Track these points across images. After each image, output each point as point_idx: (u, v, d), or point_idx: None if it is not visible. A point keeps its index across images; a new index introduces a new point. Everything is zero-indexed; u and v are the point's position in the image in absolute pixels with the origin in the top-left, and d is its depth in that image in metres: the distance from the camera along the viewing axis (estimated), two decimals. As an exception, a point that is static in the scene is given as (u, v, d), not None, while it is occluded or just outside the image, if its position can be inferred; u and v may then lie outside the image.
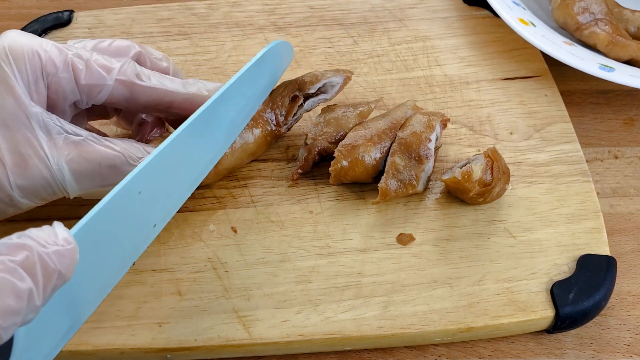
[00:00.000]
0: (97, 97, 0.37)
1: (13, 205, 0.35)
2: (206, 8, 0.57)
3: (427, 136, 0.42)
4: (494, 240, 0.41)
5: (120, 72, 0.37)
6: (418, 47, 0.54)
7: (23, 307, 0.23)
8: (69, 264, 0.25)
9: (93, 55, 0.37)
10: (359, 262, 0.40)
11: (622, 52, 0.51)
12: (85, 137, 0.35)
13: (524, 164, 0.45)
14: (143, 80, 0.38)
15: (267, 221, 0.42)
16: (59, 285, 0.25)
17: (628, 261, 0.43)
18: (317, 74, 0.45)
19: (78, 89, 0.36)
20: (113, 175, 0.36)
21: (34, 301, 0.23)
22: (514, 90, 0.50)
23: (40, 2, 0.63)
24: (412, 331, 0.37)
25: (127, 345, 0.36)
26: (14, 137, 0.33)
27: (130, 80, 0.37)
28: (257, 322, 0.37)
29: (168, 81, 0.39)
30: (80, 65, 0.36)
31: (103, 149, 0.36)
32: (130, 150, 0.37)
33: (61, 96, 0.36)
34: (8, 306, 0.22)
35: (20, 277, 0.23)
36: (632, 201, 0.46)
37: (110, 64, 0.37)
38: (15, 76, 0.34)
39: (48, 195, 0.35)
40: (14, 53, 0.34)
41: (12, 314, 0.23)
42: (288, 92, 0.44)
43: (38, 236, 0.25)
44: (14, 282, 0.23)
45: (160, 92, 0.38)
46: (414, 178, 0.41)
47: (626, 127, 0.51)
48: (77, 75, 0.36)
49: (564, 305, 0.37)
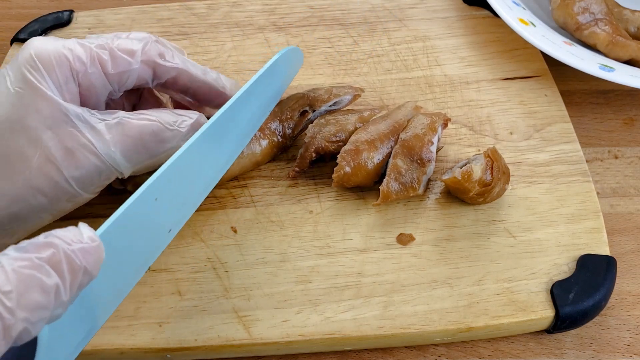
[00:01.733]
0: (126, 83, 0.38)
1: (72, 200, 0.36)
2: (206, 8, 0.57)
3: (429, 139, 0.42)
4: (494, 240, 0.41)
5: (143, 53, 0.38)
6: (418, 47, 0.54)
7: (50, 302, 0.24)
8: (95, 261, 0.26)
9: (114, 42, 0.37)
10: (359, 262, 0.40)
11: (622, 52, 0.51)
12: (121, 117, 0.36)
13: (524, 164, 0.45)
14: (167, 60, 0.39)
15: (267, 221, 0.42)
16: (85, 282, 0.26)
17: (628, 261, 0.43)
18: (331, 92, 0.46)
19: (108, 79, 0.37)
20: (156, 143, 0.37)
21: (60, 297, 0.24)
22: (514, 90, 0.50)
23: (40, 2, 0.63)
24: (412, 331, 0.37)
25: (127, 345, 0.36)
26: (58, 136, 0.35)
27: (153, 60, 0.38)
28: (257, 322, 0.37)
29: (190, 64, 0.40)
30: (105, 56, 0.36)
31: (141, 122, 0.37)
32: (164, 117, 0.38)
33: (93, 91, 0.37)
34: (36, 301, 0.23)
35: (46, 273, 0.24)
36: (632, 201, 0.46)
37: (133, 46, 0.37)
38: (46, 81, 0.35)
39: (103, 180, 0.37)
40: (42, 58, 0.35)
41: (40, 309, 0.23)
42: (298, 106, 0.45)
43: (64, 235, 0.25)
44: (40, 279, 0.23)
45: (182, 72, 0.39)
46: (416, 181, 0.41)
47: (626, 127, 0.51)
48: (105, 67, 0.37)
49: (564, 305, 0.37)
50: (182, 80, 0.40)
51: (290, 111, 0.44)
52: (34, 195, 0.35)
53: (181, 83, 0.40)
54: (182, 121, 0.38)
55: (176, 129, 0.38)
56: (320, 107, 0.45)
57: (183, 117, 0.39)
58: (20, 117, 0.34)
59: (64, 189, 0.35)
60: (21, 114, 0.34)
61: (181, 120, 0.38)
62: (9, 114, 0.34)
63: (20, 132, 0.34)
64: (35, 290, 0.23)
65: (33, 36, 0.54)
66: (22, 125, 0.34)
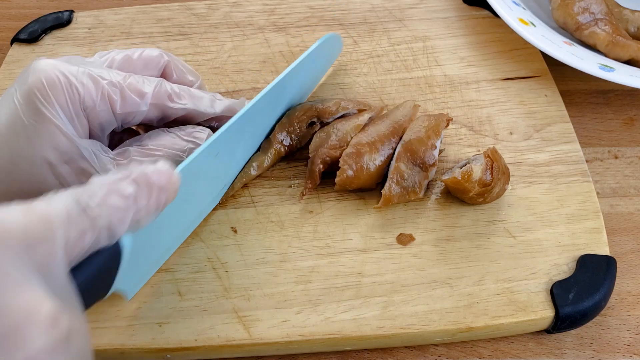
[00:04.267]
0: (132, 121, 0.38)
1: None
2: (206, 8, 0.57)
3: (432, 143, 0.42)
4: (494, 240, 0.41)
5: (154, 95, 0.38)
6: (418, 47, 0.54)
7: (130, 206, 0.28)
8: (169, 180, 0.30)
9: (126, 80, 0.37)
10: (359, 262, 0.40)
11: (622, 52, 0.51)
12: (131, 157, 0.37)
13: (524, 164, 0.45)
14: (175, 101, 0.39)
15: (267, 221, 0.42)
16: (163, 200, 0.30)
17: (628, 261, 0.43)
18: (339, 105, 0.46)
19: (115, 117, 0.37)
20: None
21: (138, 202, 0.29)
22: (514, 90, 0.50)
23: (40, 2, 0.63)
24: (412, 331, 0.37)
25: (127, 345, 0.36)
26: (74, 171, 0.35)
27: (163, 103, 0.38)
28: (257, 322, 0.37)
29: (197, 100, 0.40)
30: (115, 95, 0.37)
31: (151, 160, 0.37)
32: (173, 146, 0.39)
33: (99, 127, 0.37)
34: (117, 204, 0.28)
35: (126, 185, 0.28)
36: (632, 201, 0.46)
37: (143, 88, 0.37)
38: (59, 115, 0.35)
39: None
40: (53, 89, 0.34)
41: (121, 210, 0.28)
42: (306, 117, 0.45)
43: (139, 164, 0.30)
44: (119, 188, 0.28)
45: (190, 112, 0.40)
46: (418, 185, 0.41)
47: (626, 127, 0.51)
48: (113, 106, 0.37)
49: (563, 305, 0.37)
50: (190, 117, 0.40)
51: (298, 122, 0.44)
52: None
53: (190, 120, 0.40)
54: (192, 149, 0.39)
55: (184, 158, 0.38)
56: (328, 119, 0.45)
57: (191, 145, 0.39)
58: (40, 151, 0.34)
59: None
60: (40, 148, 0.34)
61: (190, 148, 0.39)
62: (26, 147, 0.34)
63: (43, 167, 0.35)
64: (116, 196, 0.28)
65: (33, 36, 0.55)
66: (45, 161, 0.34)
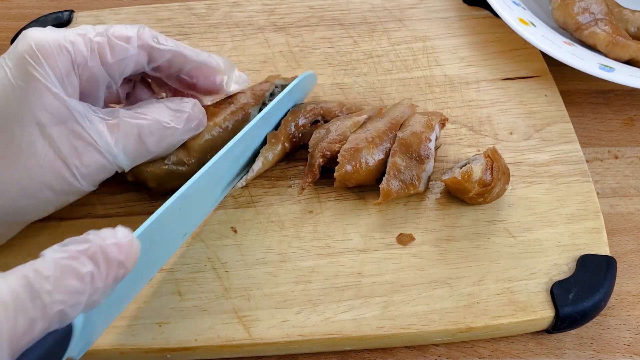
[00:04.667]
0: (125, 71, 0.38)
1: (75, 194, 0.38)
2: (206, 8, 0.57)
3: (427, 136, 0.42)
4: (494, 240, 0.41)
5: (139, 38, 0.38)
6: (418, 47, 0.54)
7: (86, 288, 0.27)
8: (128, 255, 0.29)
9: (110, 30, 0.37)
10: (359, 262, 0.40)
11: (622, 52, 0.51)
12: (121, 118, 0.37)
13: (524, 164, 0.45)
14: (161, 43, 0.39)
15: (267, 221, 0.42)
16: (120, 274, 0.28)
17: (628, 261, 0.43)
18: (343, 106, 0.46)
19: (107, 70, 0.37)
20: (155, 142, 0.38)
21: (95, 284, 0.27)
22: (514, 90, 0.50)
23: (40, 2, 0.63)
24: (412, 331, 0.37)
25: (127, 345, 0.36)
26: (66, 133, 0.35)
27: (148, 44, 0.38)
28: (257, 322, 0.37)
29: (182, 46, 0.40)
30: (104, 45, 0.37)
31: (139, 122, 0.38)
32: (161, 115, 0.39)
33: (93, 84, 0.37)
34: (72, 286, 0.26)
35: (82, 263, 0.27)
36: (632, 201, 0.46)
37: (128, 33, 0.38)
38: (49, 75, 0.35)
39: (106, 174, 0.38)
40: (43, 51, 0.35)
41: (76, 293, 0.26)
42: (312, 115, 0.45)
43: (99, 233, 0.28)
44: (76, 267, 0.26)
45: (176, 54, 0.40)
46: (416, 178, 0.41)
47: (626, 127, 0.51)
48: (104, 57, 0.37)
49: (563, 305, 0.37)
50: (176, 63, 0.40)
51: (304, 119, 0.45)
52: (42, 190, 0.35)
53: (176, 65, 0.40)
54: (178, 117, 0.39)
55: (172, 127, 0.39)
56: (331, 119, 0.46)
57: (178, 113, 0.39)
58: (30, 113, 0.34)
59: (71, 184, 0.36)
60: (30, 110, 0.34)
61: (177, 117, 0.39)
62: (16, 110, 0.34)
63: (32, 128, 0.34)
64: (71, 277, 0.26)
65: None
66: (34, 122, 0.34)
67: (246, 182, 0.42)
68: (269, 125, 0.44)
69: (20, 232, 0.39)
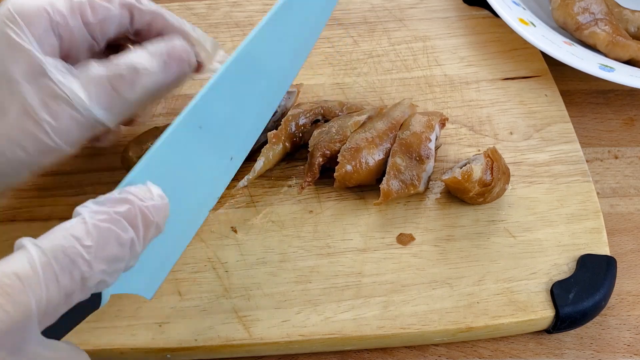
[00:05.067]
0: (107, 31, 0.37)
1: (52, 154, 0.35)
2: (206, 8, 0.57)
3: (427, 136, 0.42)
4: (494, 240, 0.41)
5: None
6: (418, 47, 0.54)
7: (126, 254, 0.26)
8: (164, 217, 0.28)
9: None
10: (359, 262, 0.40)
11: (622, 52, 0.51)
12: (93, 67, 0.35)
13: (524, 164, 0.45)
14: (142, 3, 0.38)
15: (267, 221, 0.42)
16: (155, 235, 0.28)
17: (628, 261, 0.43)
18: (344, 105, 0.46)
19: (89, 30, 0.36)
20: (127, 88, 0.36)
21: (135, 249, 0.26)
22: (514, 90, 0.50)
23: None
24: (412, 331, 0.37)
25: (127, 345, 0.36)
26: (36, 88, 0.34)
27: (130, 3, 0.38)
28: (257, 322, 0.37)
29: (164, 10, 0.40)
30: (85, 4, 0.36)
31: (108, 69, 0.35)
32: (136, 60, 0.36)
33: (74, 44, 0.36)
34: (113, 254, 0.25)
35: (124, 227, 0.26)
36: (632, 201, 0.46)
37: None
38: (25, 34, 0.34)
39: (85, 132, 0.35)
40: (21, 12, 0.34)
41: (117, 261, 0.25)
42: (311, 115, 0.45)
43: (137, 192, 0.27)
44: (118, 233, 0.25)
45: (157, 16, 0.39)
46: (416, 178, 0.41)
47: (626, 127, 0.51)
48: (85, 17, 0.36)
49: (564, 305, 0.37)
50: (157, 26, 0.39)
51: (304, 118, 0.45)
52: (12, 150, 0.34)
53: (156, 29, 0.39)
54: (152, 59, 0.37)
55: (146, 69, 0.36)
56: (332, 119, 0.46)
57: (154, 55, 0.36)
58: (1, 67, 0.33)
59: (44, 142, 0.34)
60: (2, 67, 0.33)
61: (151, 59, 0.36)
62: None
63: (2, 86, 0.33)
64: (112, 244, 0.25)
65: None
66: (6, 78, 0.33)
67: (248, 182, 0.42)
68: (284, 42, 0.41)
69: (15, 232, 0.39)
